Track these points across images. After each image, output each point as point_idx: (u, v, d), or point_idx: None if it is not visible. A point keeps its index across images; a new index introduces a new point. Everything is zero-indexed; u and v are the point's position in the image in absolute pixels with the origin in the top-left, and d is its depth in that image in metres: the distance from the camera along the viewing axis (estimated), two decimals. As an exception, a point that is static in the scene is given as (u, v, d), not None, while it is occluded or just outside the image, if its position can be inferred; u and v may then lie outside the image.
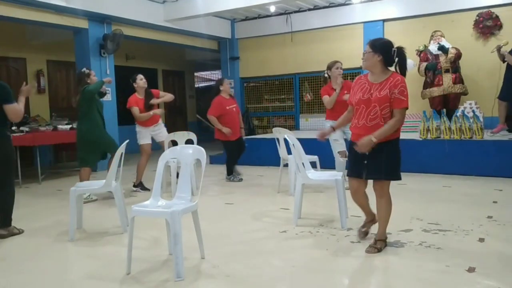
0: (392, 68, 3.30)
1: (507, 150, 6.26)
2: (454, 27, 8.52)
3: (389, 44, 3.26)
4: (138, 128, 6.21)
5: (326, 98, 5.62)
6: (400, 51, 3.25)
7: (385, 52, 3.20)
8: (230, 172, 6.73)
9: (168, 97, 6.48)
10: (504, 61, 6.81)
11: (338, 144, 5.42)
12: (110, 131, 8.39)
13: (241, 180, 6.65)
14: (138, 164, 6.15)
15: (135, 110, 6.04)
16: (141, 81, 6.11)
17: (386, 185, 3.32)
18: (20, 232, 4.15)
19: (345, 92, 5.39)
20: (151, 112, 6.09)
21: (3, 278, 3.11)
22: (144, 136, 6.17)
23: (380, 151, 3.20)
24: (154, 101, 6.16)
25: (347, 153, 4.66)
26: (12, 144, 4.10)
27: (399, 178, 3.30)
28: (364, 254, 3.34)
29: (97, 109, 5.53)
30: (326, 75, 5.83)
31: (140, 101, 6.10)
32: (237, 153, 6.70)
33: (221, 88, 6.68)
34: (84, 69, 5.72)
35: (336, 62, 5.82)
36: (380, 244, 3.35)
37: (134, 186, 6.10)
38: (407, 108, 3.18)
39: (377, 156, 3.22)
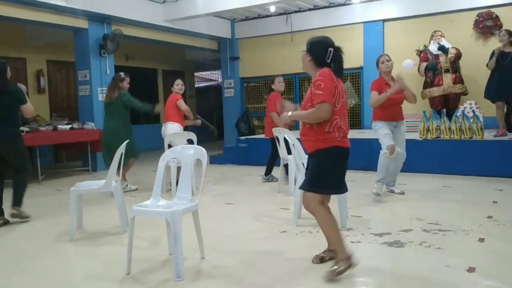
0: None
1: (507, 150, 6.26)
2: (454, 27, 8.52)
3: (320, 43, 2.98)
4: (178, 127, 6.27)
5: (375, 95, 4.92)
6: (336, 53, 2.95)
7: (314, 52, 2.96)
8: (269, 172, 6.58)
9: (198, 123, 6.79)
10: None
11: (389, 138, 4.92)
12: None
13: (277, 180, 6.27)
14: None
15: (181, 102, 6.28)
16: (176, 86, 6.38)
17: (309, 198, 2.96)
18: (28, 217, 4.59)
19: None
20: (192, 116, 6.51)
21: (3, 278, 3.12)
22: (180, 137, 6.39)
23: (311, 160, 2.99)
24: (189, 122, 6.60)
25: (396, 148, 4.88)
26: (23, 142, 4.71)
27: (318, 192, 2.92)
28: (364, 254, 3.34)
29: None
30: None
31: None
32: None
33: (273, 86, 6.45)
34: (122, 73, 6.13)
35: (381, 56, 5.41)
36: (339, 265, 2.86)
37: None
38: (326, 103, 2.79)
39: (309, 165, 3.03)
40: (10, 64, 9.76)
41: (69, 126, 7.67)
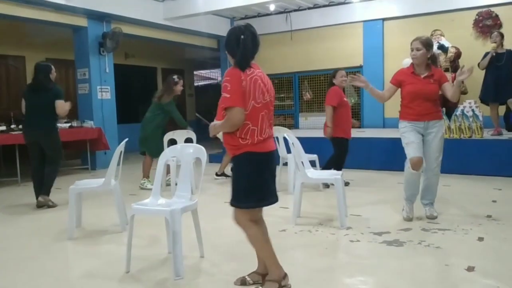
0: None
1: (507, 150, 6.27)
2: (454, 26, 8.52)
3: (232, 33, 2.57)
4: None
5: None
6: (244, 40, 2.51)
7: (228, 45, 2.58)
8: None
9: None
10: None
11: (412, 148, 3.97)
12: (109, 129, 8.48)
13: (347, 184, 5.78)
14: (223, 159, 6.70)
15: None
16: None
17: (236, 213, 2.65)
18: (55, 205, 5.09)
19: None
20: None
21: (2, 276, 3.11)
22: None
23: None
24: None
25: (423, 161, 3.95)
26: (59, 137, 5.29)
27: (238, 206, 2.59)
28: (363, 253, 3.35)
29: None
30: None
31: None
32: (345, 154, 5.77)
33: (334, 81, 5.79)
34: (175, 76, 6.35)
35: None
36: (268, 286, 2.62)
37: (217, 175, 6.65)
38: (236, 107, 2.41)
39: None
40: (9, 62, 9.78)
41: (68, 125, 7.66)
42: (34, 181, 5.18)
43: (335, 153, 5.67)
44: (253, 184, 2.55)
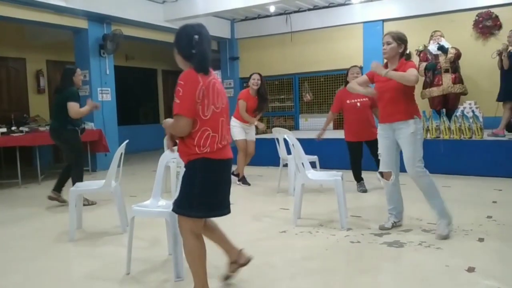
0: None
1: (507, 150, 6.27)
2: (453, 27, 8.52)
3: (184, 31, 2.39)
4: (234, 123, 6.22)
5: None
6: (201, 41, 2.34)
7: (178, 42, 2.40)
8: (358, 179, 5.72)
9: (261, 127, 6.51)
10: (502, 67, 6.80)
11: (382, 158, 3.85)
12: (110, 130, 8.49)
13: (364, 191, 5.60)
14: (237, 160, 6.25)
15: (242, 104, 6.18)
16: (252, 80, 6.24)
17: (180, 221, 2.48)
18: (65, 202, 5.04)
19: None
20: (255, 122, 6.24)
21: (3, 278, 3.12)
22: (239, 132, 6.25)
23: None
24: (257, 123, 6.31)
25: (392, 175, 3.78)
26: (78, 136, 5.31)
27: (184, 214, 2.42)
28: (364, 254, 3.35)
29: None
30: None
31: (251, 99, 6.25)
32: (355, 158, 5.63)
33: (347, 79, 5.63)
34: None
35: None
36: None
37: (238, 180, 6.36)
38: (182, 117, 2.27)
39: None
40: (10, 64, 9.79)
41: (68, 126, 7.65)
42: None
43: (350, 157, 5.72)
44: (207, 193, 2.40)
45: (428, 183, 3.70)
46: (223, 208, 2.54)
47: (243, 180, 6.38)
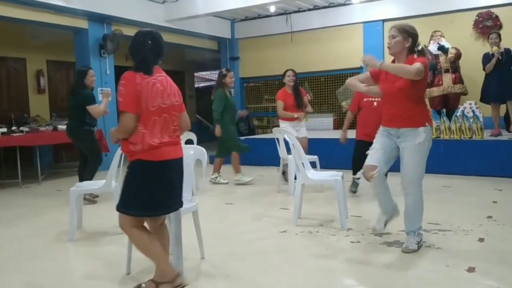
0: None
1: (507, 150, 6.27)
2: (454, 27, 8.52)
3: (133, 38, 2.69)
4: (282, 124, 6.14)
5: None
6: (144, 43, 2.63)
7: (129, 48, 2.67)
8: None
9: (309, 109, 6.51)
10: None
11: (370, 154, 3.42)
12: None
13: (353, 191, 5.44)
14: None
15: (280, 104, 6.10)
16: (288, 77, 6.17)
17: (121, 218, 2.61)
18: (93, 201, 5.34)
19: None
20: (296, 115, 6.07)
21: (3, 278, 3.12)
22: (292, 132, 5.86)
23: None
24: (300, 115, 6.17)
25: (374, 171, 3.27)
26: (93, 135, 5.56)
27: (123, 212, 2.57)
28: (364, 254, 3.35)
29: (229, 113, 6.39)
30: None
31: (289, 96, 6.14)
32: (356, 157, 5.09)
33: None
34: (223, 69, 6.43)
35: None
36: (150, 285, 2.61)
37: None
38: (127, 113, 2.46)
39: None
40: (10, 64, 9.79)
41: (68, 126, 7.65)
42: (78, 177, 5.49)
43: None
44: (142, 193, 2.53)
45: (418, 199, 3.33)
46: (162, 208, 2.65)
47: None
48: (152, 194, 2.54)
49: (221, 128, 6.27)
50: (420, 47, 3.41)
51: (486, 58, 6.89)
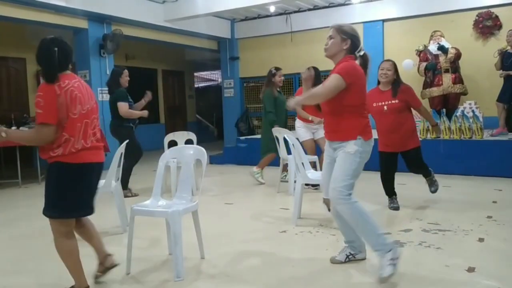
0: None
1: (507, 150, 6.27)
2: (453, 27, 8.52)
3: (39, 46, 2.66)
4: (298, 124, 5.93)
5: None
6: (49, 51, 2.59)
7: (36, 57, 2.65)
8: (390, 193, 4.77)
9: (316, 121, 5.80)
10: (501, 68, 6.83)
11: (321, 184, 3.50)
12: (109, 131, 8.45)
13: (396, 208, 4.63)
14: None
15: None
16: (303, 74, 5.73)
17: (50, 222, 2.61)
18: (133, 195, 5.66)
19: None
20: (310, 117, 5.70)
21: (3, 278, 3.12)
22: (304, 132, 5.88)
23: None
24: (312, 118, 5.73)
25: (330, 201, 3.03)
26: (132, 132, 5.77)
27: (47, 215, 2.58)
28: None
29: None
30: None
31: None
32: (384, 170, 4.71)
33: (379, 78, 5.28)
34: (273, 68, 6.25)
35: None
36: None
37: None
38: (48, 124, 2.43)
39: None
40: (10, 64, 9.78)
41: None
42: None
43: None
44: (62, 195, 2.55)
45: (351, 213, 2.87)
46: (80, 210, 2.65)
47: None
48: (71, 196, 2.56)
49: (263, 128, 6.20)
50: (362, 53, 2.98)
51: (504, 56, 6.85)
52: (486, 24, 8.38)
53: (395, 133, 4.45)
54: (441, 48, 7.75)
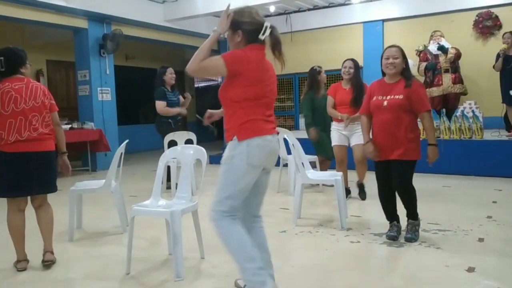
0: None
1: (507, 150, 6.27)
2: (453, 27, 8.53)
3: None
4: (333, 125, 5.22)
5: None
6: None
7: None
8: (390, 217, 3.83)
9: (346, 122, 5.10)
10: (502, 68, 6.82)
11: None
12: (110, 130, 8.49)
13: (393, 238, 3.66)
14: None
15: (328, 100, 5.18)
16: (344, 68, 5.12)
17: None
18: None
19: None
20: (340, 116, 4.96)
21: (3, 278, 3.12)
22: (334, 137, 5.17)
23: None
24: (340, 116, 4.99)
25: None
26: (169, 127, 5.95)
27: None
28: (363, 254, 3.35)
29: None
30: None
31: (343, 91, 5.09)
32: (379, 183, 3.79)
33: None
34: (316, 66, 5.88)
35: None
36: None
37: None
38: None
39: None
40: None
41: (68, 126, 7.66)
42: None
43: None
44: (0, 178, 3.11)
45: (223, 234, 2.45)
46: (13, 191, 3.12)
47: (359, 193, 5.18)
48: (7, 179, 3.08)
49: (306, 130, 5.71)
50: (268, 32, 2.58)
51: (497, 57, 6.86)
52: (486, 24, 8.39)
53: (390, 136, 3.51)
54: (441, 48, 7.75)
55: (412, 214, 3.67)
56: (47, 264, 3.20)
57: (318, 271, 3.04)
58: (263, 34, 2.51)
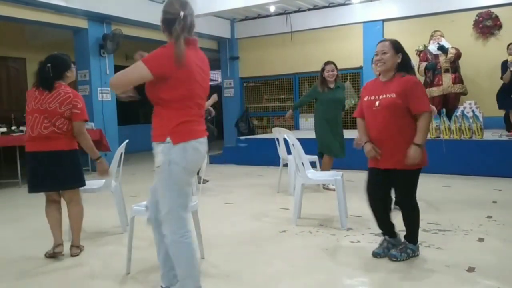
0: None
1: (507, 150, 6.27)
2: (453, 27, 8.53)
3: (40, 63, 3.50)
4: None
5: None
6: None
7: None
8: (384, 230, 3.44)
9: None
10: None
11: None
12: (110, 130, 8.48)
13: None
14: None
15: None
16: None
17: None
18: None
19: None
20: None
21: (2, 278, 3.11)
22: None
23: None
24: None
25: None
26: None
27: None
28: (363, 254, 3.34)
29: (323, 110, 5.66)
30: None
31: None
32: (377, 196, 3.31)
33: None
34: (323, 64, 5.80)
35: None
36: None
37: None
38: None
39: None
40: (10, 64, 9.80)
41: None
42: None
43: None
44: (27, 175, 3.44)
45: (180, 253, 2.37)
46: (35, 187, 3.41)
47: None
48: (29, 176, 3.39)
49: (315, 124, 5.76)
50: (180, 27, 2.44)
51: (504, 66, 6.85)
52: (486, 24, 8.39)
53: (383, 140, 3.10)
54: (441, 48, 7.76)
55: (410, 237, 3.20)
56: (73, 255, 3.46)
57: (318, 271, 3.04)
58: (179, 24, 2.34)
